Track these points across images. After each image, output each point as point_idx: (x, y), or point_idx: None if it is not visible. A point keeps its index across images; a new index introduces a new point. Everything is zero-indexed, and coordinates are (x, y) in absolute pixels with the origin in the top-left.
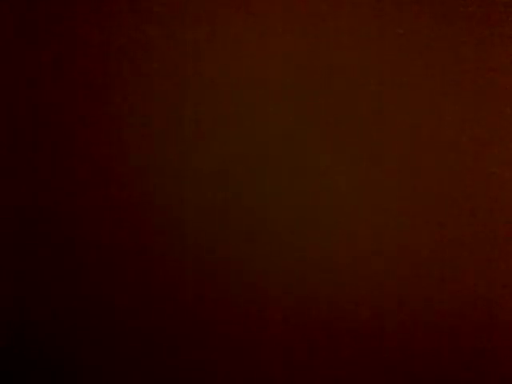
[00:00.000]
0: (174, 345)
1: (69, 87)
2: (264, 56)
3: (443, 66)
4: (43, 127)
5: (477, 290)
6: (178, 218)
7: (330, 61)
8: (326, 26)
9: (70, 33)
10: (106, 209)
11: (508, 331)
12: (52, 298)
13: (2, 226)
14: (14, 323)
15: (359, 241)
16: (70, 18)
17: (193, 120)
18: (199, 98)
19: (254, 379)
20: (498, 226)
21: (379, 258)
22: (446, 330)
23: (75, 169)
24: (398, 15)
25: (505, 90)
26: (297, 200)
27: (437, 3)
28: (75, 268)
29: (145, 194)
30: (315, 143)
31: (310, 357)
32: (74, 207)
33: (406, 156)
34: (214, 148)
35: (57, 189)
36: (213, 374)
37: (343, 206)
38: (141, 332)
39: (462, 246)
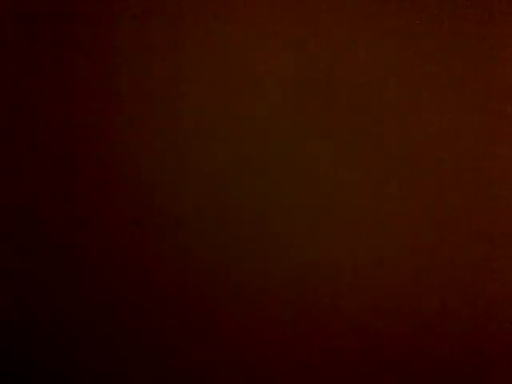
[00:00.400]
0: (174, 345)
1: (69, 87)
2: (264, 56)
3: (443, 67)
4: (43, 127)
5: (477, 291)
6: (178, 218)
7: (330, 60)
8: (327, 26)
9: (69, 33)
10: (106, 209)
11: (508, 331)
12: (52, 298)
13: (1, 226)
14: (14, 323)
15: (359, 242)
16: (70, 18)
17: (193, 121)
18: (199, 98)
19: (254, 379)
20: (498, 227)
21: (379, 258)
22: (447, 331)
23: (75, 169)
24: (399, 15)
25: (505, 89)
26: (297, 201)
27: (437, 3)
28: (75, 268)
29: (145, 195)
30: (316, 143)
31: (310, 357)
32: (74, 207)
33: (406, 157)
34: (214, 148)
35: (57, 189)
36: (213, 374)
37: (343, 206)
38: (141, 332)
39: (462, 247)
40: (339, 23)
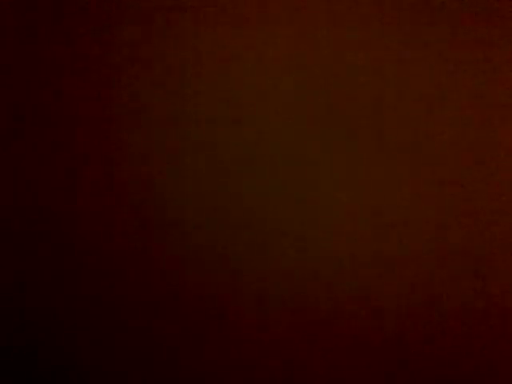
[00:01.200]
0: (174, 345)
1: (69, 87)
2: (264, 55)
3: (443, 66)
4: (43, 127)
5: (476, 291)
6: (178, 218)
7: (330, 59)
8: (327, 25)
9: (69, 32)
10: (106, 208)
11: (508, 335)
12: (52, 298)
13: (1, 226)
14: (13, 323)
15: (360, 241)
16: (70, 18)
17: (193, 121)
18: (200, 98)
19: (254, 379)
20: (498, 228)
21: (379, 259)
22: (446, 332)
23: (75, 169)
24: (399, 15)
25: (505, 89)
26: (298, 201)
27: (437, 3)
28: (75, 268)
29: (145, 194)
30: (316, 143)
31: (310, 358)
32: (74, 207)
33: (406, 157)
34: (215, 148)
35: (57, 189)
36: (213, 375)
37: (344, 206)
38: (141, 332)
39: (463, 248)
40: (340, 24)
